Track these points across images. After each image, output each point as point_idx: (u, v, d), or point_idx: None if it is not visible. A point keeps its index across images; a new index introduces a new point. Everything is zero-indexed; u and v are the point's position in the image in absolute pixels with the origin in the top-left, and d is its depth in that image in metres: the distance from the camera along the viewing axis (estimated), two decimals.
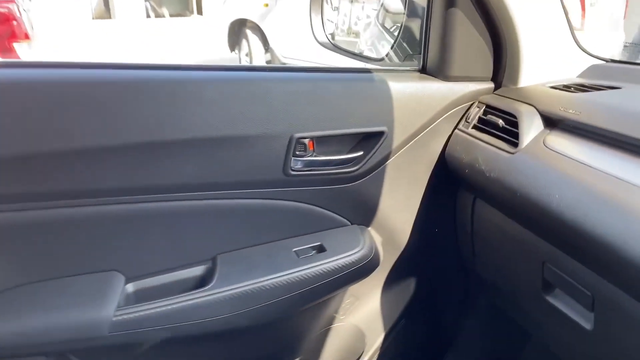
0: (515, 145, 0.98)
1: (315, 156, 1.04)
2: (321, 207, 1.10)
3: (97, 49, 8.58)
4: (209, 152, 0.96)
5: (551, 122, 0.98)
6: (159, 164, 0.93)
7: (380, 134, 1.06)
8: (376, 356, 1.28)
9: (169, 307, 0.93)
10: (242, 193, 1.02)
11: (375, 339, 1.27)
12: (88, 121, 0.88)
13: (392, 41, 1.45)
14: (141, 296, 0.97)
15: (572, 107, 0.95)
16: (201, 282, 1.02)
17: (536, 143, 0.96)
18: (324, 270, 1.05)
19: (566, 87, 1.06)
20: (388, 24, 1.61)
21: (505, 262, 1.07)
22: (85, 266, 0.95)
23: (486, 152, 1.03)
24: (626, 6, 4.08)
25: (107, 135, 0.89)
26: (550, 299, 0.97)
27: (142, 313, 0.91)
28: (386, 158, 1.09)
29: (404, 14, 1.28)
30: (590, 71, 1.14)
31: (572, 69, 1.15)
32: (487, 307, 1.35)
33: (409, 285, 1.28)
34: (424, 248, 1.24)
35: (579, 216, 0.81)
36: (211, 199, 0.99)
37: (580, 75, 1.15)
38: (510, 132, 1.01)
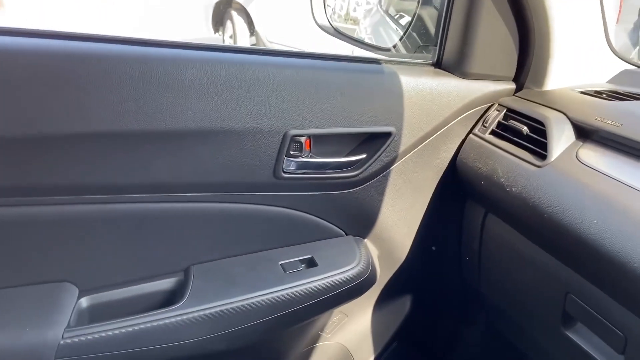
0: (543, 157, 0.85)
1: (311, 157, 0.90)
2: (313, 215, 0.96)
3: None
4: (186, 148, 0.80)
5: (584, 133, 0.86)
6: (124, 158, 0.77)
7: (386, 135, 0.92)
8: None
9: (130, 328, 0.78)
10: (223, 196, 0.87)
11: None
12: (36, 104, 0.72)
13: (397, 30, 1.31)
14: (97, 314, 0.81)
15: (610, 117, 0.83)
16: (170, 298, 0.87)
17: (568, 156, 0.83)
18: (314, 288, 0.91)
19: (598, 93, 0.94)
20: (392, 11, 1.47)
21: (518, 287, 0.95)
22: (30, 276, 0.79)
23: (507, 162, 0.90)
24: None
25: (59, 121, 0.73)
26: (570, 334, 0.85)
27: (96, 335, 0.76)
28: (391, 163, 0.95)
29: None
30: (622, 77, 1.02)
31: (602, 73, 1.02)
32: (485, 330, 1.24)
33: (404, 304, 1.15)
34: (424, 264, 1.11)
35: (620, 246, 0.69)
36: (186, 201, 0.84)
37: (611, 81, 1.02)
38: (536, 142, 0.88)
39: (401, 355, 1.17)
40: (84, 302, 0.81)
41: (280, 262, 0.93)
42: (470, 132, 1.00)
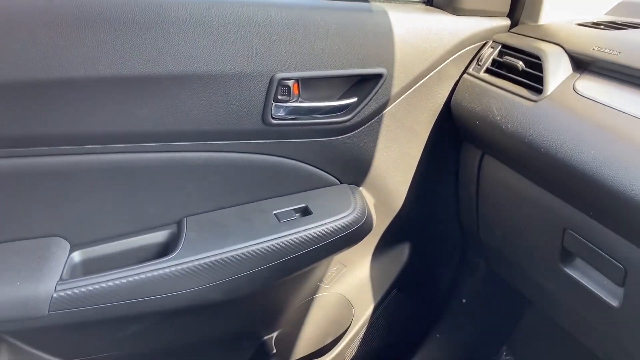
0: (539, 91, 0.83)
1: (300, 102, 0.87)
2: (306, 163, 0.94)
3: None
4: (171, 94, 0.78)
5: (582, 64, 0.83)
6: (106, 106, 0.75)
7: (378, 76, 0.89)
8: (364, 328, 1.15)
9: (124, 280, 0.77)
10: (212, 145, 0.84)
11: (364, 310, 1.14)
12: (11, 50, 0.69)
13: None
14: (89, 267, 0.80)
15: (609, 46, 0.80)
16: (164, 250, 0.85)
17: (565, 88, 0.81)
18: (309, 236, 0.90)
19: (596, 25, 0.91)
20: None
21: (516, 228, 0.94)
22: (20, 231, 0.78)
23: (502, 100, 0.87)
24: None
25: (36, 68, 0.70)
26: (569, 271, 0.84)
27: (90, 287, 0.75)
28: (383, 106, 0.93)
29: None
30: (620, 9, 0.98)
31: (599, 6, 0.99)
32: (485, 274, 1.23)
33: (402, 252, 1.15)
34: (421, 210, 1.10)
35: (619, 175, 0.67)
36: (175, 151, 0.82)
37: (609, 13, 0.99)
38: (532, 77, 0.86)
39: (401, 303, 1.17)
40: (76, 256, 0.80)
41: (274, 212, 0.92)
42: (464, 71, 0.97)
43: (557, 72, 0.83)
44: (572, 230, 0.81)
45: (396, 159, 1.00)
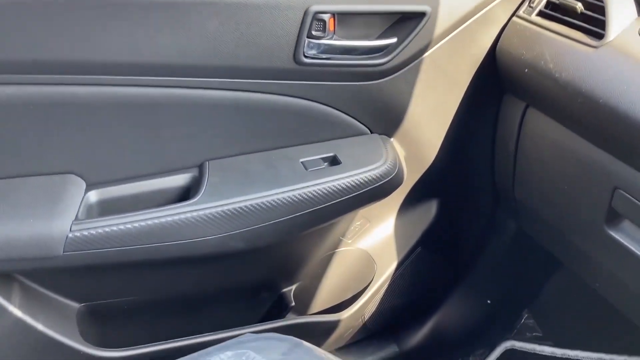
0: (600, 36, 0.75)
1: (335, 40, 0.80)
2: (337, 109, 0.87)
3: None
4: (198, 22, 0.71)
5: None
6: (127, 32, 0.68)
7: (420, 15, 0.82)
8: (386, 285, 1.11)
9: (142, 223, 0.73)
10: (240, 83, 0.78)
11: (387, 267, 1.10)
12: None
13: None
14: (106, 208, 0.76)
15: None
16: (184, 194, 0.81)
17: (629, 34, 0.73)
18: (337, 187, 0.84)
19: None
20: None
21: (558, 186, 0.88)
22: (34, 166, 0.73)
23: (557, 45, 0.80)
24: None
25: None
26: (614, 233, 0.79)
27: (107, 229, 0.71)
28: (424, 49, 0.86)
29: None
30: None
31: None
32: (513, 235, 1.18)
33: (430, 209, 1.09)
34: (453, 166, 1.04)
35: None
36: (201, 87, 0.76)
37: None
38: (592, 20, 0.78)
39: (425, 261, 1.13)
40: (92, 196, 0.76)
41: (301, 160, 0.86)
42: (514, 14, 0.89)
43: (621, 15, 0.75)
44: (623, 190, 0.75)
45: (432, 109, 0.94)
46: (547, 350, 1.30)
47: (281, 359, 0.72)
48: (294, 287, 1.05)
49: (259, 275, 0.99)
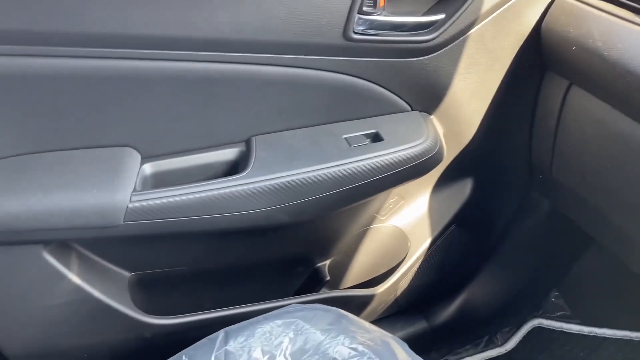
0: None
1: (385, 15, 0.80)
2: (380, 85, 0.88)
3: None
4: None
5: None
6: (187, 6, 0.69)
7: None
8: (419, 263, 1.13)
9: (197, 195, 0.75)
10: (288, 59, 0.79)
11: (420, 244, 1.12)
12: None
13: None
14: (160, 180, 0.78)
15: None
16: (232, 168, 0.82)
17: None
18: (380, 163, 0.85)
19: None
20: None
21: (601, 166, 0.88)
22: (93, 138, 0.75)
23: (605, 23, 0.79)
24: None
25: None
26: None
27: (164, 200, 0.73)
28: (470, 26, 0.85)
29: None
30: None
31: None
32: (546, 215, 1.19)
33: (465, 187, 1.10)
34: (491, 144, 1.04)
35: None
36: (250, 62, 0.77)
37: None
38: None
39: (457, 239, 1.14)
40: (147, 168, 0.78)
41: (344, 136, 0.87)
42: None
43: None
44: None
45: (474, 87, 0.94)
46: (574, 328, 1.32)
47: (329, 328, 0.75)
48: (328, 261, 1.07)
49: (297, 249, 1.01)
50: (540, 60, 0.93)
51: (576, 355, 1.27)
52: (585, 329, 1.31)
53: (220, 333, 0.72)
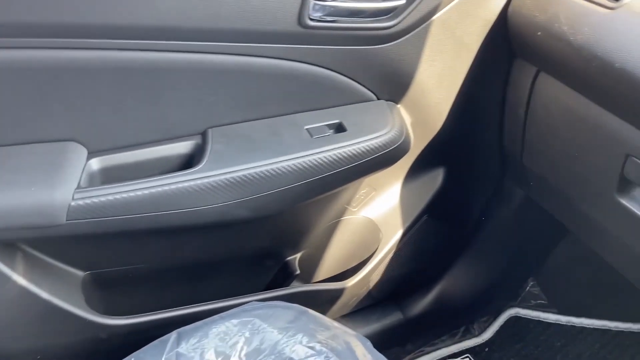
0: None
1: (341, 1, 0.77)
2: (342, 74, 0.85)
3: None
4: None
5: None
6: None
7: None
8: (391, 254, 1.11)
9: (146, 191, 0.72)
10: (241, 47, 0.76)
11: (392, 236, 1.10)
12: None
13: None
14: (108, 176, 0.75)
15: None
16: (187, 162, 0.79)
17: None
18: (343, 154, 0.83)
19: None
20: None
21: (569, 154, 0.86)
22: (34, 133, 0.72)
23: (572, 7, 0.77)
24: None
25: None
26: (626, 201, 0.78)
27: (110, 197, 0.70)
28: (433, 11, 0.83)
29: None
30: None
31: None
32: (519, 204, 1.17)
33: (436, 177, 1.08)
34: (460, 133, 1.02)
35: None
36: (200, 51, 0.74)
37: None
38: None
39: (430, 229, 1.13)
40: (94, 163, 0.74)
41: (306, 127, 0.85)
42: None
43: None
44: (636, 157, 0.73)
45: (440, 74, 0.91)
46: (551, 317, 1.31)
47: (287, 326, 0.73)
48: (298, 255, 1.04)
49: (264, 244, 0.98)
50: (508, 46, 0.90)
51: (553, 344, 1.27)
52: (563, 319, 1.30)
53: (173, 334, 0.70)
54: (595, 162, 0.81)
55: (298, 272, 1.03)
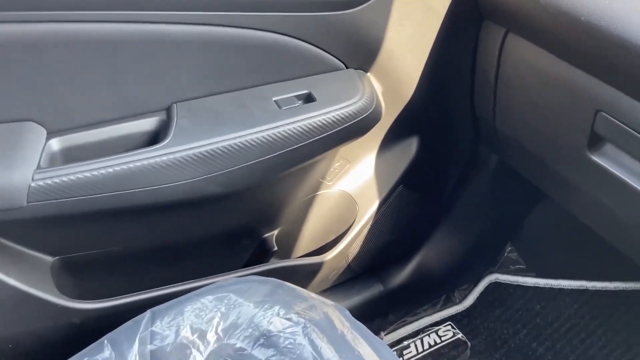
0: None
1: None
2: (308, 42, 0.83)
3: None
4: None
5: None
6: None
7: None
8: (368, 226, 1.10)
9: (110, 169, 0.69)
10: (202, 16, 0.73)
11: (368, 207, 1.09)
12: None
13: None
14: (70, 156, 0.72)
15: None
16: (152, 139, 0.77)
17: None
18: (313, 125, 0.81)
19: None
20: None
21: (540, 113, 0.86)
22: None
23: None
24: None
25: None
26: (597, 158, 0.78)
27: (72, 177, 0.67)
28: None
29: None
30: None
31: None
32: (495, 171, 1.17)
33: (410, 146, 1.07)
34: (432, 100, 1.01)
35: None
36: (158, 21, 0.71)
37: None
38: None
39: (407, 199, 1.12)
40: (54, 143, 0.72)
41: (274, 98, 0.83)
42: None
43: None
44: (606, 112, 0.73)
45: (409, 40, 0.89)
46: (530, 281, 1.33)
47: (264, 300, 0.71)
48: (275, 232, 1.03)
49: (239, 221, 0.97)
50: (476, 8, 0.89)
51: (533, 307, 1.28)
52: (541, 282, 1.32)
53: (147, 313, 0.68)
54: (566, 121, 0.81)
55: (276, 248, 1.02)
